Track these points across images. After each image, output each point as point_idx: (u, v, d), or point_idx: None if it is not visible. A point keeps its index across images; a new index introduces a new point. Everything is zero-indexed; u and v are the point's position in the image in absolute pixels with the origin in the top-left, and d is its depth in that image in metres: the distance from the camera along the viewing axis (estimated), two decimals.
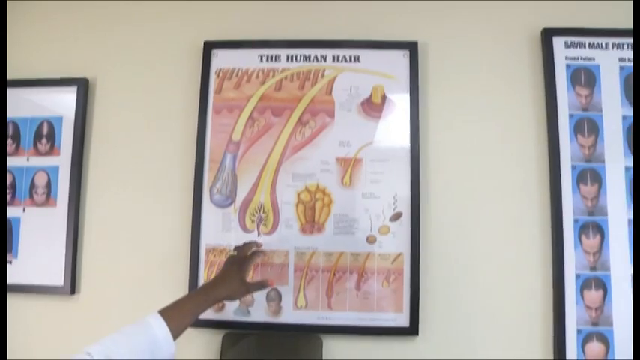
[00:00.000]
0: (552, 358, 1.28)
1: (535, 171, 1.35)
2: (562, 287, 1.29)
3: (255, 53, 1.41)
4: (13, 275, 1.40)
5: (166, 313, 0.99)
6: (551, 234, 1.32)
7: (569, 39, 1.39)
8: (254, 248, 1.20)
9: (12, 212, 1.43)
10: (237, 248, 1.20)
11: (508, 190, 1.35)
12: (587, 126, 1.35)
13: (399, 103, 1.37)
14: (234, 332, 1.30)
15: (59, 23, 1.51)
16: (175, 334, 0.98)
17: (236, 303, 1.31)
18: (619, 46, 1.39)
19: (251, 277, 1.31)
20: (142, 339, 0.94)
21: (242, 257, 1.17)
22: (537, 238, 1.33)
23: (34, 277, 1.41)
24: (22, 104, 1.47)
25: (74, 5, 1.50)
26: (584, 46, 1.39)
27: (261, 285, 1.18)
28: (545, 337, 1.29)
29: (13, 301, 1.39)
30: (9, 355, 1.38)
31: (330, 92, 1.38)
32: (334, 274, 1.32)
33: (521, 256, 1.33)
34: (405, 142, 1.35)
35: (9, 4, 1.51)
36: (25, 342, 1.38)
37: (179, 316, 1.01)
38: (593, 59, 1.38)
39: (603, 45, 1.39)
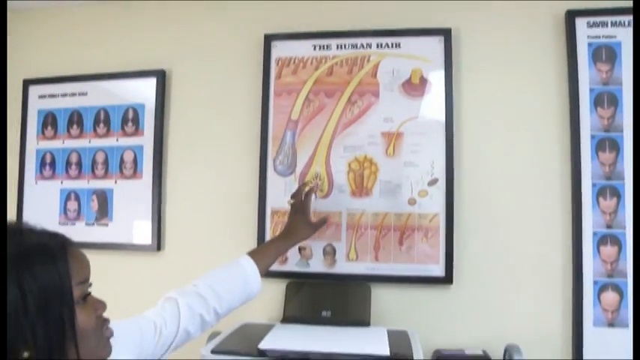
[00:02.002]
0: (571, 305, 1.40)
1: (557, 140, 1.46)
2: (580, 243, 1.40)
3: (309, 43, 1.56)
4: (109, 236, 1.64)
5: (254, 255, 1.21)
6: (571, 196, 1.42)
7: (592, 19, 1.45)
8: (306, 189, 1.38)
9: (106, 184, 1.67)
10: (293, 196, 1.38)
11: (532, 157, 1.47)
12: (607, 99, 1.43)
13: (435, 83, 1.49)
14: (296, 281, 1.50)
15: (139, 23, 1.70)
16: (262, 272, 1.19)
17: (297, 257, 1.52)
18: None
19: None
20: (236, 275, 1.15)
21: (299, 202, 1.35)
22: (559, 200, 1.44)
23: (125, 237, 1.65)
24: (110, 94, 1.69)
25: (151, 5, 1.69)
26: (607, 25, 1.46)
27: (322, 222, 1.40)
28: (565, 287, 1.42)
29: (108, 258, 1.61)
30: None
31: (375, 75, 1.52)
32: (380, 231, 1.49)
33: (544, 215, 1.45)
34: (441, 117, 1.48)
35: (97, 4, 1.72)
36: (117, 293, 1.59)
37: (264, 258, 1.22)
38: (615, 37, 1.45)
39: (626, 23, 1.45)
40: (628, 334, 1.37)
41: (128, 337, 0.92)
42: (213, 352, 1.14)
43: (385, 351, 1.13)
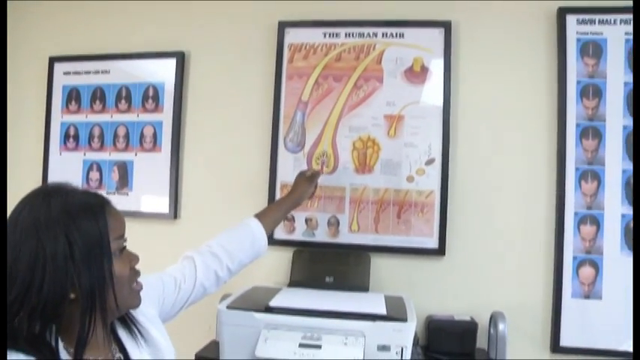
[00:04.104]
0: (552, 278, 1.52)
1: (545, 127, 1.57)
2: (562, 222, 1.52)
3: (319, 31, 1.67)
4: (129, 204, 1.75)
5: (260, 216, 1.32)
6: (556, 178, 1.54)
7: (581, 16, 1.56)
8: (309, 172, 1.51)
9: (126, 156, 1.79)
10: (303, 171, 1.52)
11: (521, 143, 1.58)
12: (592, 90, 1.54)
13: (435, 71, 1.60)
14: (302, 249, 1.62)
15: (160, 6, 1.79)
16: (268, 231, 1.31)
17: (304, 227, 1.64)
18: (627, 22, 1.54)
19: (315, 206, 1.63)
20: (245, 235, 1.27)
21: (303, 172, 1.50)
22: (544, 181, 1.56)
23: (145, 206, 1.77)
24: (132, 72, 1.79)
25: None
26: (595, 22, 1.56)
27: (317, 174, 1.50)
28: (547, 261, 1.54)
29: (127, 225, 1.72)
30: None
31: (380, 62, 1.63)
32: (380, 205, 1.61)
33: (530, 195, 1.56)
34: (439, 102, 1.59)
35: None
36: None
37: (268, 217, 1.34)
38: (602, 33, 1.55)
39: (612, 21, 1.55)
40: (602, 305, 1.51)
41: (152, 290, 1.00)
42: (228, 307, 1.27)
43: (382, 311, 1.25)
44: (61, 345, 0.76)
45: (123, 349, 0.88)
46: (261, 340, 1.20)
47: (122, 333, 0.90)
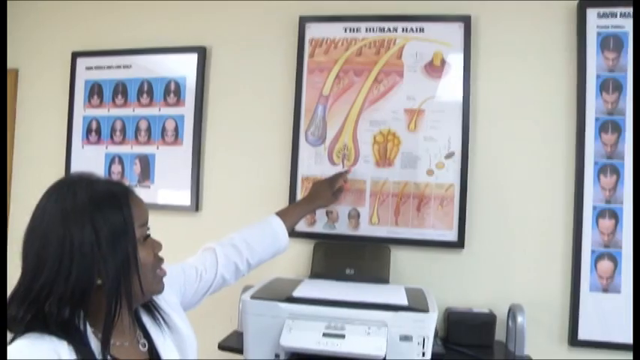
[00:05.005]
0: (570, 271, 1.53)
1: (564, 121, 1.57)
2: (581, 215, 1.52)
3: (340, 26, 1.67)
4: (151, 197, 1.77)
5: (282, 215, 1.35)
6: (575, 172, 1.54)
7: (602, 9, 1.55)
8: (337, 186, 1.53)
9: (148, 150, 1.81)
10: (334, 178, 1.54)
11: (541, 135, 1.58)
12: (612, 84, 1.53)
13: (455, 65, 1.61)
14: (323, 242, 1.64)
15: (182, 1, 1.80)
16: (288, 230, 1.33)
17: (325, 220, 1.66)
18: None
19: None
20: (267, 232, 1.30)
21: (329, 178, 1.52)
22: (563, 175, 1.56)
23: (166, 198, 1.79)
24: (154, 67, 1.81)
25: None
26: (616, 16, 1.55)
27: (340, 190, 1.52)
28: (565, 254, 1.54)
29: (149, 217, 1.76)
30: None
31: (400, 57, 1.64)
32: (400, 198, 1.62)
33: (549, 188, 1.57)
34: (459, 96, 1.59)
35: None
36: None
37: (290, 217, 1.36)
38: (623, 27, 1.54)
39: None
40: (620, 299, 1.51)
41: (174, 279, 1.03)
42: (252, 297, 1.28)
43: (404, 302, 1.26)
44: (89, 330, 0.78)
45: (147, 335, 0.91)
46: (286, 330, 1.21)
47: (146, 320, 0.92)
